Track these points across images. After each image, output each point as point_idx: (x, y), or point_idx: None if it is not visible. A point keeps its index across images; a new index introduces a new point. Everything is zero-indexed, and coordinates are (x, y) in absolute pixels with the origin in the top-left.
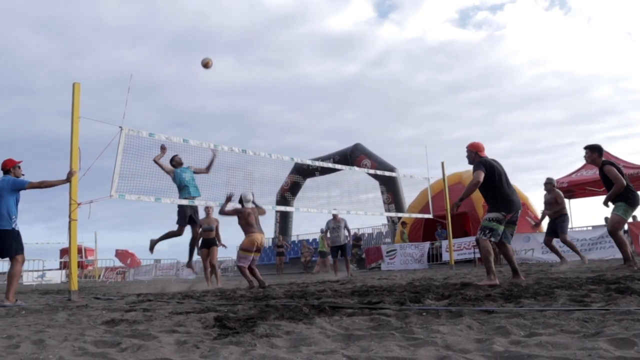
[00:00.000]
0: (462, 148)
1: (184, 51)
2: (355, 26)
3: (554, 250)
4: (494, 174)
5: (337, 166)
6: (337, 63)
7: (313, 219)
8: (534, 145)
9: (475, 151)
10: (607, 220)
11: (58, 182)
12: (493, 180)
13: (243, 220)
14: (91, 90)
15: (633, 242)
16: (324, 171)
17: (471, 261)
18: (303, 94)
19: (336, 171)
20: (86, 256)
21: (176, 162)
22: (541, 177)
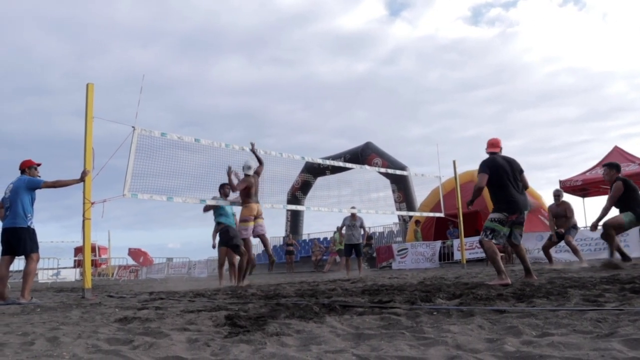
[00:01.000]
0: (474, 146)
1: (196, 51)
2: (366, 24)
3: (548, 255)
4: (497, 175)
5: (348, 165)
6: (349, 61)
7: (324, 218)
8: (548, 143)
9: (487, 148)
10: None
11: (72, 182)
12: (496, 180)
13: (246, 190)
14: (104, 90)
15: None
16: (335, 170)
17: (483, 260)
18: (314, 93)
19: (347, 170)
20: (100, 255)
21: (224, 194)
22: (555, 176)
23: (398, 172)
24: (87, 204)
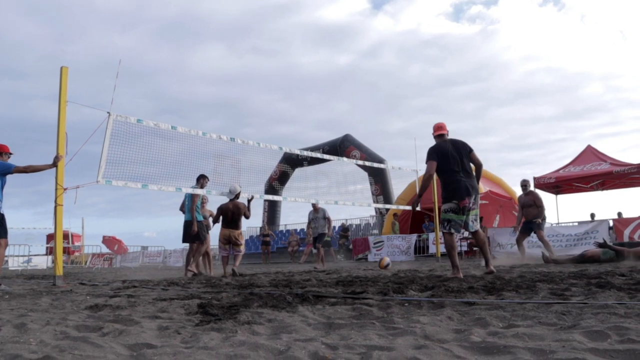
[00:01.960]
0: None
1: (176, 38)
2: (349, 17)
3: (522, 249)
4: (445, 160)
5: (326, 156)
6: (330, 53)
7: (301, 209)
8: (524, 140)
9: (433, 132)
10: (594, 216)
11: (44, 167)
12: (444, 166)
13: (221, 215)
14: (81, 75)
15: (617, 238)
16: (313, 161)
17: (459, 254)
18: (295, 84)
19: (325, 161)
20: (73, 242)
21: (201, 185)
22: (530, 172)
23: (375, 165)
24: (60, 190)
